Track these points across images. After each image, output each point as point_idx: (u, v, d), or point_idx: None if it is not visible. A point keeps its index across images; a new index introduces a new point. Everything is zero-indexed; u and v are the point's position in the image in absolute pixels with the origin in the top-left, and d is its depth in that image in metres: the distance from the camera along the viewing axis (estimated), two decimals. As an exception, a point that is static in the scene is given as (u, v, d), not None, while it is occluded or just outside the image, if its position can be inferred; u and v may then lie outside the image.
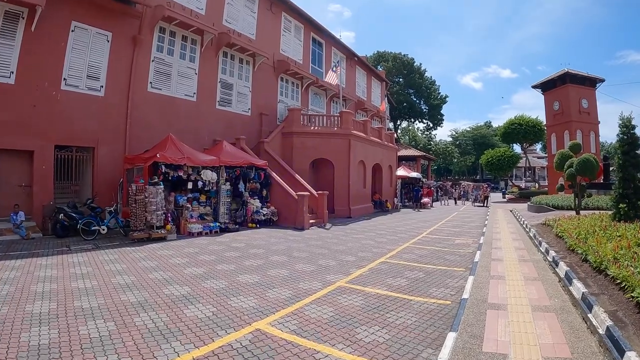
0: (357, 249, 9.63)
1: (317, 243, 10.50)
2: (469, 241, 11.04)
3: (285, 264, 7.73)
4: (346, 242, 10.69)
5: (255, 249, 9.33)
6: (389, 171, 24.68)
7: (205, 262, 7.73)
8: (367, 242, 10.83)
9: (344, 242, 10.68)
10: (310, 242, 10.59)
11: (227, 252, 8.84)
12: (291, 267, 7.46)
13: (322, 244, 10.34)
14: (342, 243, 10.57)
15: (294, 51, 22.65)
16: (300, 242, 10.58)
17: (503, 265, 7.42)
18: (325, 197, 15.81)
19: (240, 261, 7.90)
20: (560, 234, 9.24)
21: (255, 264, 7.71)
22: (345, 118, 18.84)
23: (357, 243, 10.58)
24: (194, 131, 15.73)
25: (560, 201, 17.92)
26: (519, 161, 36.75)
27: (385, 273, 7.12)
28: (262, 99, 19.77)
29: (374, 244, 10.43)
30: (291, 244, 10.34)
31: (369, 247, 9.91)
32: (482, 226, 14.62)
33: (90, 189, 12.70)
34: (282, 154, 18.47)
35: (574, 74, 28.03)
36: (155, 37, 14.31)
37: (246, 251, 9.06)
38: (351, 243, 10.58)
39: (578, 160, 12.42)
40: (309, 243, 10.47)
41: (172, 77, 14.99)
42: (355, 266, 7.71)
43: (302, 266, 7.59)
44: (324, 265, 7.77)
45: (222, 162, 13.43)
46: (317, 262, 7.98)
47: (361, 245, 10.28)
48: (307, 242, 10.58)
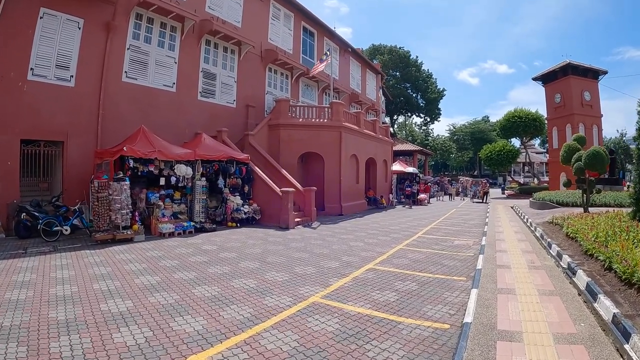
0: (342, 253, 8.49)
1: (299, 245, 9.37)
2: (470, 242, 9.93)
3: (255, 272, 6.60)
4: (332, 244, 9.56)
5: (226, 253, 8.25)
6: (383, 166, 23.55)
7: (164, 268, 6.71)
8: (355, 243, 9.70)
9: (330, 244, 9.54)
10: (291, 245, 9.46)
11: (193, 257, 7.77)
12: (261, 277, 6.31)
13: (304, 247, 9.21)
14: (327, 245, 9.44)
15: (283, 40, 21.43)
16: (279, 245, 9.46)
17: (511, 273, 6.29)
18: (313, 193, 14.66)
19: (205, 268, 6.81)
20: (572, 234, 8.14)
21: (221, 271, 6.62)
22: (336, 109, 17.66)
23: (344, 245, 9.44)
24: (173, 124, 14.74)
25: (565, 197, 16.85)
26: (518, 156, 35.69)
27: (372, 284, 5.98)
28: (248, 90, 18.65)
29: (363, 246, 9.30)
30: (269, 246, 9.22)
31: (356, 250, 8.78)
32: (483, 224, 13.53)
33: (61, 186, 11.75)
34: (269, 148, 17.35)
35: (576, 65, 26.92)
36: (131, 24, 13.35)
37: (215, 255, 7.98)
38: (337, 245, 9.45)
39: (587, 154, 11.32)
40: (289, 245, 9.35)
41: (149, 67, 13.98)
42: (337, 275, 6.57)
43: (274, 275, 6.45)
44: (300, 273, 6.63)
45: (198, 156, 12.38)
46: (293, 270, 6.83)
47: (348, 247, 9.15)
48: (287, 245, 9.45)
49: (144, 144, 11.21)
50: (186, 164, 12.01)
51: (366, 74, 32.38)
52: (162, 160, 11.50)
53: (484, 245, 9.06)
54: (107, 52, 12.44)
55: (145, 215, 11.65)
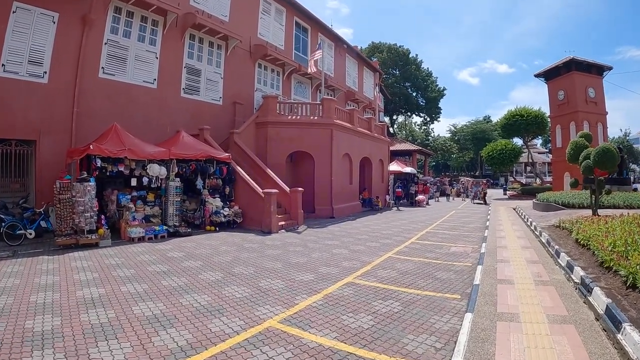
0: (322, 262, 7.50)
1: (275, 253, 8.39)
2: (468, 249, 8.92)
3: (214, 286, 5.66)
4: (312, 252, 8.57)
5: (191, 261, 7.34)
6: (380, 166, 22.54)
7: (115, 279, 5.97)
8: (339, 251, 8.71)
9: (310, 252, 8.55)
10: (266, 252, 8.48)
11: (154, 266, 6.96)
12: (218, 292, 5.37)
13: (281, 255, 8.23)
14: (306, 253, 8.45)
15: (274, 36, 20.51)
16: (254, 252, 8.49)
17: (514, 291, 5.27)
18: (300, 194, 13.68)
19: (160, 280, 5.96)
20: (583, 241, 7.12)
21: (176, 284, 5.75)
22: (328, 106, 16.68)
23: (326, 253, 8.45)
24: (154, 122, 13.95)
25: (570, 198, 15.79)
26: (520, 155, 34.55)
27: (345, 304, 4.99)
28: (236, 86, 17.74)
29: (347, 255, 8.30)
30: (242, 253, 8.26)
31: (338, 260, 7.78)
32: (484, 228, 12.51)
33: (34, 187, 11.13)
34: (256, 147, 16.41)
35: (580, 61, 25.84)
36: (109, 18, 12.70)
37: (179, 264, 7.08)
38: (318, 253, 8.46)
39: (596, 151, 10.30)
40: (264, 253, 8.37)
41: (128, 62, 13.25)
42: (307, 290, 5.59)
43: (234, 290, 5.50)
44: (265, 288, 5.67)
45: (174, 155, 11.55)
46: (258, 284, 5.86)
47: (330, 256, 8.15)
48: (262, 252, 8.48)
49: (114, 142, 10.47)
50: (160, 163, 11.24)
51: (363, 72, 31.43)
52: (133, 159, 10.72)
53: (483, 254, 8.05)
54: (83, 47, 11.80)
55: (115, 219, 10.88)
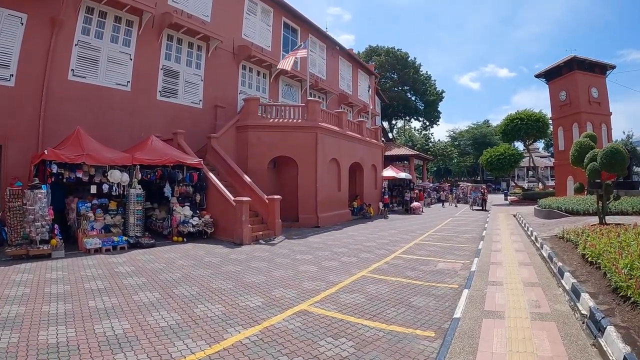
0: (280, 283, 6.39)
1: (233, 270, 7.31)
2: (457, 265, 7.75)
3: (142, 310, 4.88)
4: (276, 269, 7.44)
5: (136, 278, 6.56)
6: (372, 172, 21.40)
7: (44, 296, 5.36)
8: (307, 268, 7.57)
9: (273, 269, 7.42)
10: (224, 268, 7.42)
11: (92, 282, 6.21)
12: (141, 318, 4.56)
13: (239, 272, 7.16)
14: (269, 270, 7.33)
15: (260, 37, 19.68)
16: (210, 268, 7.44)
17: (503, 330, 4.10)
18: (278, 203, 12.59)
19: (89, 300, 5.25)
20: (591, 258, 5.94)
21: (103, 305, 5.04)
22: (312, 108, 15.65)
23: (291, 271, 7.32)
24: (127, 126, 13.26)
25: (574, 204, 14.55)
26: (521, 160, 33.23)
27: (284, 342, 3.89)
28: (218, 89, 16.91)
29: (315, 273, 7.16)
30: (195, 270, 7.21)
31: (301, 279, 6.66)
32: (479, 239, 11.32)
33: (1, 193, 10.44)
34: (236, 152, 15.44)
35: (582, 59, 24.69)
36: (81, 18, 12.20)
37: (120, 281, 6.30)
38: (282, 270, 7.33)
39: (603, 152, 9.14)
40: (221, 270, 7.31)
41: (100, 64, 12.67)
42: (247, 320, 4.57)
43: (162, 316, 4.63)
44: (199, 315, 4.74)
45: (137, 161, 10.80)
46: (194, 309, 4.93)
47: (294, 274, 7.02)
48: (219, 268, 7.42)
49: (74, 147, 9.90)
50: (122, 169, 10.49)
51: (358, 75, 30.51)
52: (92, 165, 10.00)
53: (473, 272, 6.87)
54: (52, 48, 11.29)
55: (75, 228, 10.11)
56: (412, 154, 32.52)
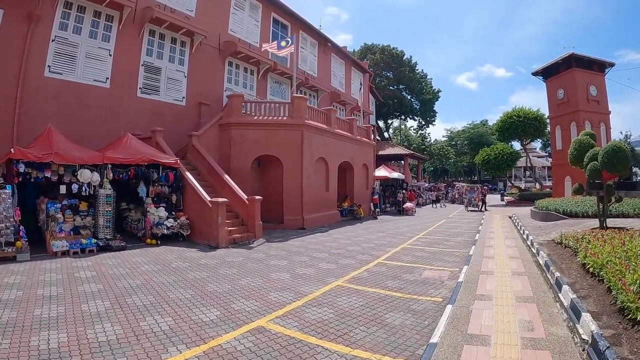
0: (244, 293, 5.73)
1: (199, 277, 6.66)
2: (445, 274, 7.03)
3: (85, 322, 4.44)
4: (245, 277, 6.75)
5: (92, 285, 6.02)
6: (363, 171, 20.67)
7: None
8: (279, 275, 6.85)
9: (241, 277, 6.73)
10: (189, 275, 6.77)
11: (46, 288, 5.70)
12: (80, 332, 4.14)
13: (204, 279, 6.51)
14: (237, 278, 6.65)
15: (248, 32, 19.00)
16: (174, 274, 6.79)
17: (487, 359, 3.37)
18: (258, 204, 11.86)
19: (34, 309, 4.79)
20: (593, 269, 5.23)
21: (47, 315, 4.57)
22: (298, 105, 14.92)
23: (260, 279, 6.60)
24: (106, 124, 12.67)
25: (573, 206, 13.85)
26: (518, 159, 32.52)
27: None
28: (202, 86, 16.20)
29: (285, 281, 6.45)
30: (158, 276, 6.59)
31: (268, 289, 5.97)
32: (471, 243, 10.62)
33: None
34: (219, 151, 14.75)
35: (580, 56, 24.04)
36: (58, 13, 11.73)
37: (75, 288, 5.77)
38: (250, 278, 6.62)
39: (605, 150, 8.44)
40: (185, 276, 6.67)
41: (77, 60, 12.17)
42: (193, 338, 4.02)
43: (103, 329, 4.26)
44: (143, 330, 4.23)
45: (108, 159, 10.23)
46: (140, 323, 4.45)
47: (262, 283, 6.32)
48: (184, 275, 6.78)
49: (43, 146, 9.32)
50: (93, 169, 9.95)
51: (351, 72, 29.77)
52: (61, 164, 9.53)
53: (460, 283, 6.14)
54: (28, 44, 10.87)
55: (44, 229, 9.74)
56: (406, 153, 31.78)
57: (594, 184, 9.34)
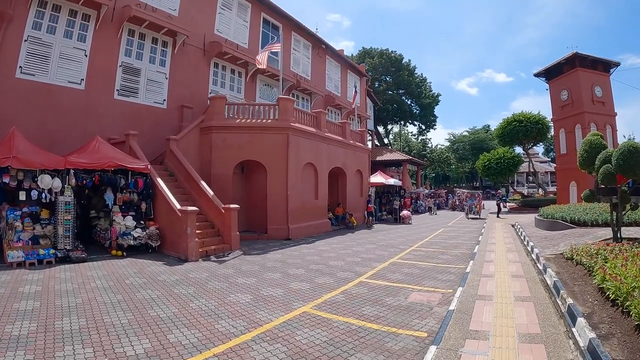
0: (192, 319, 4.82)
1: (149, 297, 5.77)
2: (435, 298, 5.96)
3: None
4: (200, 298, 5.79)
5: (30, 302, 5.37)
6: (357, 178, 19.64)
7: None
8: (239, 298, 5.84)
9: (196, 298, 5.76)
10: (138, 294, 5.93)
11: None
12: None
13: (153, 300, 5.64)
14: (190, 300, 5.68)
15: (235, 33, 18.24)
16: (124, 292, 6.05)
17: None
18: (235, 213, 10.86)
19: None
20: (615, 296, 4.15)
21: None
22: (284, 107, 14.00)
23: (216, 301, 5.64)
24: (81, 127, 11.97)
25: (581, 214, 12.72)
26: (520, 164, 31.34)
27: None
28: (185, 88, 15.41)
29: (245, 305, 5.45)
30: (105, 295, 5.87)
31: (221, 315, 5.01)
32: (469, 256, 9.52)
33: None
34: (200, 156, 13.87)
35: (584, 56, 23.03)
36: (32, 13, 11.22)
37: (9, 306, 5.17)
38: (205, 300, 5.69)
39: (620, 151, 7.40)
40: (134, 296, 5.85)
41: (51, 60, 11.62)
42: None
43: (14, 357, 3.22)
44: None
45: (71, 164, 9.54)
46: (56, 353, 3.73)
47: (216, 307, 5.36)
48: (133, 294, 5.96)
49: (3, 149, 8.85)
50: (54, 174, 9.29)
51: (347, 76, 28.94)
52: (20, 169, 8.87)
53: (452, 312, 5.06)
54: None
55: (3, 238, 9.04)
56: (404, 159, 30.73)
57: (606, 190, 8.27)
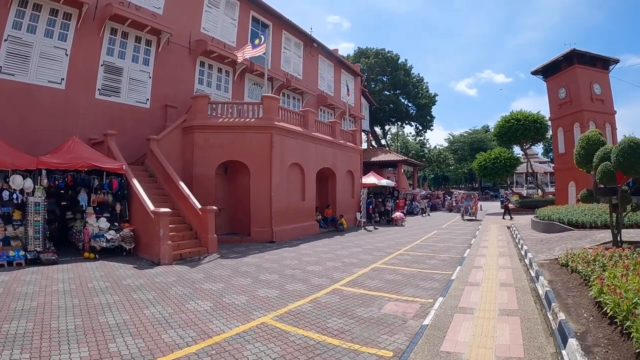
0: (143, 326, 4.44)
1: (108, 302, 5.44)
2: (411, 309, 5.38)
3: None
4: (159, 303, 5.41)
5: None
6: (348, 178, 19.06)
7: None
8: (199, 305, 5.35)
9: (156, 303, 5.40)
10: (96, 300, 5.58)
11: None
12: None
13: (110, 305, 5.34)
14: (149, 305, 5.31)
15: (223, 31, 17.80)
16: (80, 297, 5.79)
17: None
18: (212, 215, 10.33)
19: None
20: (614, 312, 3.55)
21: None
22: (268, 105, 13.47)
23: (173, 308, 5.22)
24: (60, 128, 11.68)
25: (579, 215, 12.11)
26: (518, 164, 30.70)
27: None
28: (169, 87, 14.96)
29: (203, 313, 4.96)
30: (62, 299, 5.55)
31: (174, 323, 4.57)
32: (458, 261, 8.92)
33: None
34: (182, 156, 13.40)
35: (582, 53, 22.44)
36: (13, 12, 11.03)
37: None
38: (160, 307, 5.30)
39: (620, 148, 6.80)
40: (91, 301, 5.53)
41: (31, 60, 11.42)
42: None
43: None
44: None
45: (43, 164, 9.27)
46: None
47: (172, 313, 4.91)
48: (90, 299, 5.64)
49: None
50: (26, 174, 9.09)
51: (341, 75, 28.42)
52: None
53: (425, 328, 4.47)
54: None
55: None
56: (399, 159, 30.11)
57: (605, 190, 7.68)
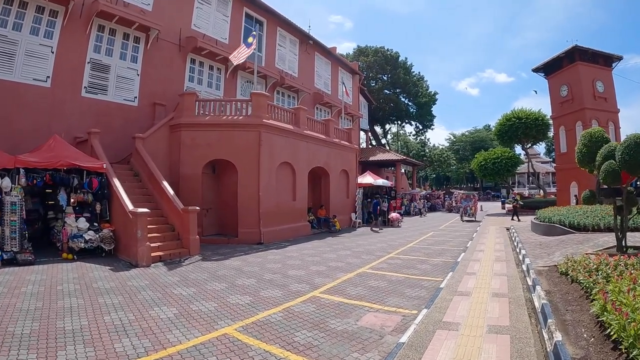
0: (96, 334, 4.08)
1: (71, 305, 5.21)
2: (390, 322, 4.91)
3: None
4: (123, 309, 5.07)
5: None
6: (343, 178, 18.57)
7: None
8: (163, 311, 4.98)
9: (119, 309, 5.04)
10: (60, 303, 5.22)
11: None
12: None
13: (72, 309, 5.00)
14: (111, 310, 4.94)
15: (215, 28, 17.42)
16: (44, 300, 5.48)
17: None
18: (194, 215, 9.92)
19: None
20: (619, 335, 3.06)
21: None
22: (257, 102, 13.03)
23: (135, 314, 4.89)
24: (45, 127, 11.42)
25: (581, 217, 11.55)
26: (519, 164, 30.05)
27: None
28: (158, 85, 14.59)
29: (165, 321, 4.57)
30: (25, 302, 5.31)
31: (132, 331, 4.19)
32: (451, 267, 8.43)
33: None
34: (169, 155, 13.05)
35: (585, 49, 21.82)
36: None
37: None
38: (122, 313, 4.97)
39: (626, 145, 6.27)
40: (55, 305, 5.22)
41: (16, 58, 11.24)
42: None
43: None
44: None
45: (21, 163, 8.99)
46: None
47: (133, 320, 4.57)
48: (53, 303, 5.30)
49: None
50: (4, 173, 8.88)
51: (338, 73, 27.93)
52: None
53: (401, 347, 4.00)
54: None
55: None
56: (398, 158, 29.56)
57: (609, 190, 7.14)
